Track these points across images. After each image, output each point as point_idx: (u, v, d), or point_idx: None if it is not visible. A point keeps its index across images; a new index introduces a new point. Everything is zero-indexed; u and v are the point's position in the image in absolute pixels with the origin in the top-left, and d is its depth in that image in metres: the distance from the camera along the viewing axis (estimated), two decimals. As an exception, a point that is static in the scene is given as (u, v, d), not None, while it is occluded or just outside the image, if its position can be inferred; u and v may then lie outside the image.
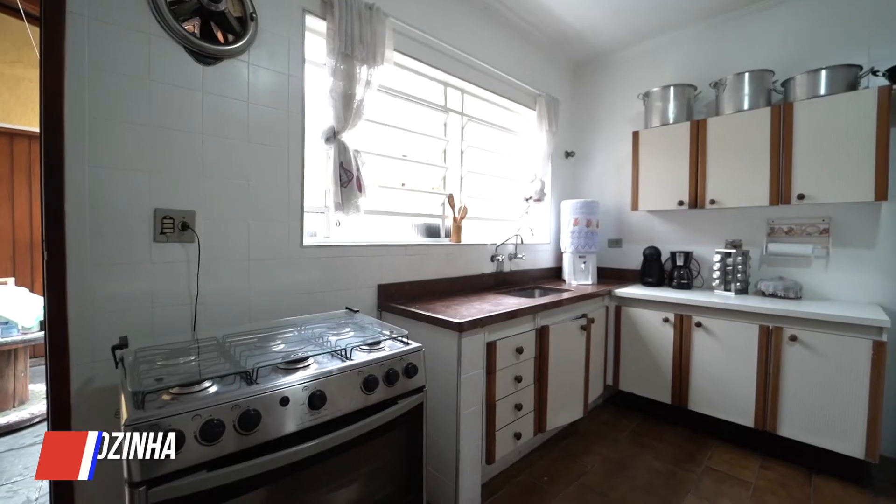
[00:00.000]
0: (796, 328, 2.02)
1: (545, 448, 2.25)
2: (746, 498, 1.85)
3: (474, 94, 2.68)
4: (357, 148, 1.88)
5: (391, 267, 2.08)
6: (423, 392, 1.32)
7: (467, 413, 1.65)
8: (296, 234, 1.71)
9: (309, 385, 1.06)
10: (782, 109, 2.22)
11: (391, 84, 2.16)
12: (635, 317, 2.58)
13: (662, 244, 2.95)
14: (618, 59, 3.23)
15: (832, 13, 2.32)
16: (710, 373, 2.28)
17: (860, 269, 2.24)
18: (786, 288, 2.29)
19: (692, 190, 2.53)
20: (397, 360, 1.26)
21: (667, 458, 2.16)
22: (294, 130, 1.71)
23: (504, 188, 2.99)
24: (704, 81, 2.71)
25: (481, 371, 1.72)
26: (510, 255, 2.78)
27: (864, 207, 2.22)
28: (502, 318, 1.78)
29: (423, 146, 2.42)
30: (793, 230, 2.43)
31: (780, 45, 2.48)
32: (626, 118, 3.18)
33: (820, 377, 1.95)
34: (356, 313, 1.66)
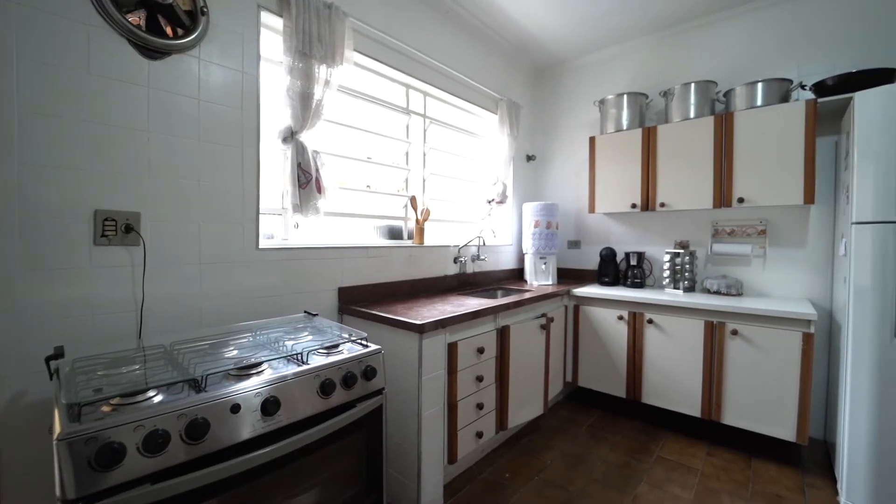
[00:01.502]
0: (737, 323, 2.16)
1: (507, 445, 2.29)
2: (693, 484, 1.96)
3: (437, 96, 2.70)
4: (316, 149, 1.85)
5: (352, 269, 2.06)
6: (382, 394, 1.32)
7: (429, 414, 1.66)
8: (251, 236, 1.66)
9: (262, 391, 1.03)
10: (724, 118, 2.38)
11: (352, 85, 2.15)
12: (592, 315, 2.68)
13: (618, 245, 3.09)
14: (576, 67, 3.35)
15: (767, 31, 2.51)
16: (661, 367, 2.41)
17: (793, 266, 2.44)
18: (728, 285, 2.45)
19: (644, 193, 2.66)
20: (356, 363, 1.25)
21: (622, 450, 2.26)
22: (249, 129, 1.66)
23: (467, 190, 3.02)
24: (655, 90, 2.86)
25: (443, 372, 1.73)
26: (473, 257, 2.81)
27: (795, 210, 2.41)
28: (463, 319, 1.80)
29: (385, 148, 2.41)
30: (734, 231, 2.61)
31: (722, 59, 2.66)
32: (584, 124, 3.30)
33: (758, 368, 2.10)
34: (315, 317, 1.63)
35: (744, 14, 2.58)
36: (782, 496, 1.87)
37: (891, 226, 1.65)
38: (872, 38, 2.21)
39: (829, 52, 2.32)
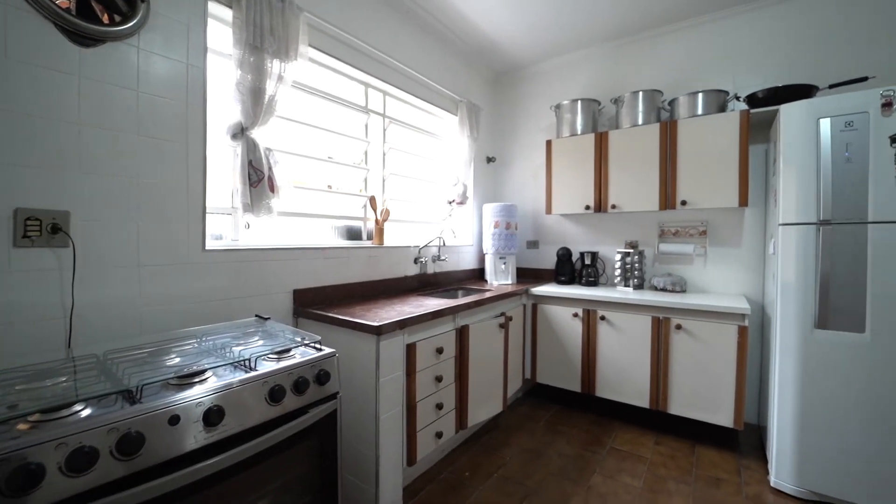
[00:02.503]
0: (681, 318, 2.30)
1: (467, 444, 2.31)
2: (643, 472, 2.06)
3: (397, 96, 2.68)
4: (269, 146, 1.79)
5: (309, 271, 2.00)
6: (336, 399, 1.29)
7: (387, 416, 1.64)
8: (197, 236, 1.58)
9: (204, 400, 0.98)
10: (669, 126, 2.52)
11: (309, 81, 2.09)
12: (550, 313, 2.76)
13: (573, 245, 3.20)
14: (533, 72, 3.44)
15: (706, 45, 2.69)
16: (613, 361, 2.51)
17: (730, 264, 2.62)
18: (673, 283, 2.60)
19: (597, 195, 2.78)
20: (308, 368, 1.21)
21: (577, 443, 2.34)
22: (195, 124, 1.58)
23: (428, 191, 3.02)
24: (607, 97, 2.99)
25: (401, 373, 1.72)
26: (434, 257, 2.82)
27: (731, 212, 2.60)
28: (422, 320, 1.80)
29: (345, 147, 2.37)
30: (679, 232, 2.77)
31: (668, 70, 2.82)
32: (541, 128, 3.39)
33: (699, 360, 2.24)
34: (267, 321, 1.57)
35: (686, 28, 2.75)
36: (721, 479, 2.01)
37: (811, 227, 1.81)
38: (796, 56, 2.42)
39: (760, 66, 2.52)
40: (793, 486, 1.86)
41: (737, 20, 2.58)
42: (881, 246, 1.68)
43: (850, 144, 1.74)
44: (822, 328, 1.79)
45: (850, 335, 1.74)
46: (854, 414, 1.73)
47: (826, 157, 1.78)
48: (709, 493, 1.89)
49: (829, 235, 1.78)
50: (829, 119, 1.79)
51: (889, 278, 1.66)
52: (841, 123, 1.76)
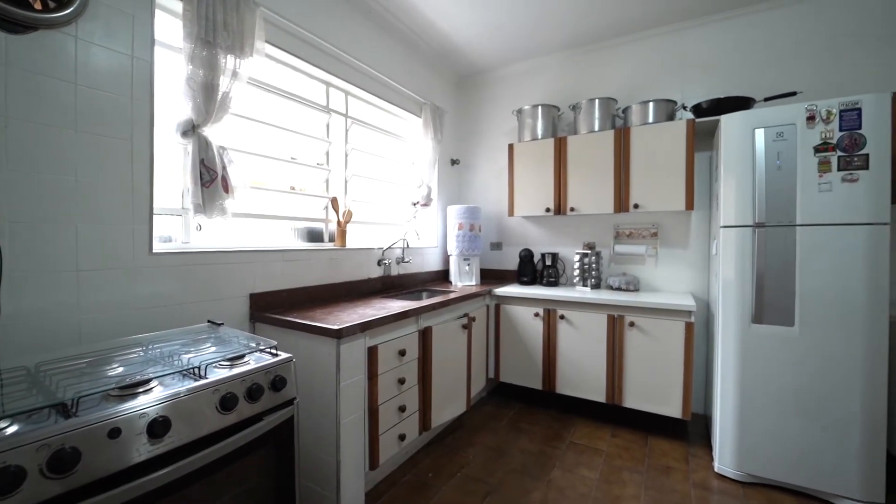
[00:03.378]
0: (634, 316, 2.41)
1: (431, 445, 2.32)
2: (599, 464, 2.15)
3: (359, 96, 2.65)
4: (223, 144, 1.72)
5: (266, 274, 1.95)
6: (293, 405, 1.26)
7: (348, 421, 1.62)
8: (143, 238, 1.50)
9: (148, 411, 0.93)
10: (622, 132, 2.64)
11: (267, 79, 2.03)
12: (512, 313, 2.82)
13: (535, 246, 3.28)
14: (496, 77, 3.51)
15: (657, 57, 2.84)
16: (572, 359, 2.60)
17: (678, 264, 2.78)
18: (627, 282, 2.72)
19: (556, 198, 2.86)
20: (262, 374, 1.18)
21: (538, 440, 2.40)
22: (141, 120, 1.49)
23: (392, 192, 3.01)
24: (566, 103, 3.09)
25: (362, 377, 1.70)
26: (398, 259, 2.81)
27: (679, 215, 2.76)
28: (384, 322, 1.79)
29: (305, 148, 2.31)
30: (632, 234, 2.91)
31: (622, 79, 2.96)
32: (504, 131, 3.46)
33: (651, 355, 2.36)
34: (220, 326, 1.51)
35: (639, 41, 2.89)
36: (671, 467, 2.12)
37: (748, 229, 1.96)
38: (737, 70, 2.60)
39: (705, 79, 2.69)
40: (734, 470, 2.00)
41: (684, 35, 2.75)
42: (807, 246, 1.84)
43: (781, 153, 1.90)
44: (758, 323, 1.94)
45: (781, 329, 1.89)
46: (786, 401, 1.88)
47: (760, 165, 1.93)
48: (659, 481, 1.99)
49: (764, 237, 1.92)
50: (763, 129, 1.94)
51: (813, 276, 1.82)
52: (773, 134, 1.92)
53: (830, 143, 1.81)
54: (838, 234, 1.78)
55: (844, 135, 1.79)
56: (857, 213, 1.75)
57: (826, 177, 1.81)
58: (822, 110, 1.83)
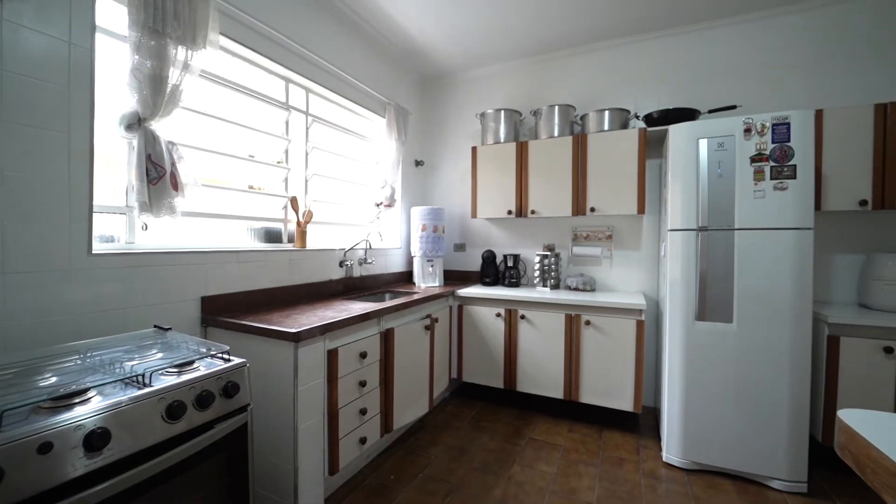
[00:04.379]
0: (590, 315, 2.51)
1: (394, 447, 2.31)
2: (557, 459, 2.22)
3: (321, 94, 2.60)
4: (172, 140, 1.64)
5: (220, 276, 1.87)
6: (247, 411, 1.22)
7: (306, 426, 1.58)
8: (81, 238, 1.40)
9: (85, 423, 0.88)
10: (580, 139, 2.75)
11: (222, 73, 1.95)
12: (475, 314, 2.86)
13: (498, 248, 3.35)
14: (461, 80, 3.54)
15: (613, 67, 2.97)
16: (532, 357, 2.67)
17: (631, 265, 2.92)
18: (584, 282, 2.83)
19: (518, 201, 2.94)
20: (213, 381, 1.13)
21: (499, 437, 2.45)
22: (79, 111, 1.39)
23: (355, 193, 2.97)
24: (527, 109, 3.17)
25: (322, 380, 1.67)
26: (360, 261, 2.77)
27: (632, 219, 2.90)
28: (345, 324, 1.76)
29: (264, 145, 2.24)
30: (589, 236, 3.03)
31: (581, 87, 3.07)
32: (468, 134, 3.50)
33: (605, 352, 2.47)
34: (167, 331, 1.44)
35: (597, 51, 3.01)
36: (623, 458, 2.23)
37: (693, 232, 2.09)
38: (685, 83, 2.77)
39: (656, 90, 2.84)
40: (680, 459, 2.13)
41: (638, 48, 2.90)
42: (744, 249, 1.99)
43: (722, 162, 2.04)
44: (702, 320, 2.07)
45: (721, 325, 2.03)
46: (725, 393, 2.02)
47: (703, 173, 2.07)
48: (613, 472, 2.09)
49: (706, 240, 2.06)
50: (706, 140, 2.08)
51: (749, 276, 1.97)
52: (715, 144, 2.06)
53: (764, 153, 1.97)
54: (770, 238, 1.94)
55: (776, 147, 1.95)
56: (786, 218, 1.92)
57: (760, 185, 1.97)
58: (757, 123, 1.99)
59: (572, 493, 1.91)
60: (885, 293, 2.11)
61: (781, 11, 2.52)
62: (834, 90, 2.43)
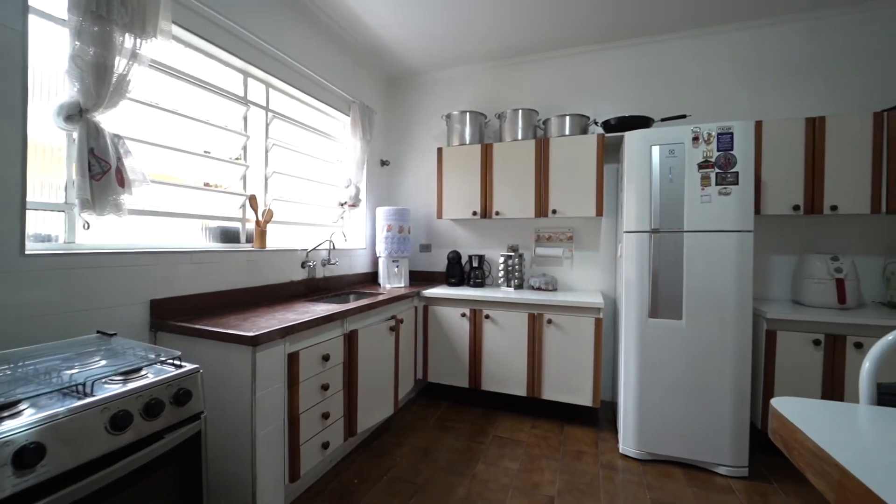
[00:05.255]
0: (552, 313, 2.59)
1: (358, 450, 2.27)
2: (520, 455, 2.27)
3: (282, 89, 2.52)
4: (119, 133, 1.54)
5: (171, 278, 1.77)
6: (200, 419, 1.17)
7: (265, 433, 1.53)
8: (13, 238, 1.28)
9: (15, 438, 0.81)
10: (542, 143, 2.82)
11: (176, 64, 1.85)
12: (440, 314, 2.87)
13: (463, 249, 3.38)
14: (427, 80, 3.55)
15: (573, 75, 3.08)
16: (497, 356, 2.72)
17: (591, 265, 3.03)
18: (546, 282, 2.91)
19: (483, 202, 2.98)
20: (163, 388, 1.08)
21: (464, 436, 2.47)
22: (10, 100, 1.28)
23: (318, 192, 2.90)
24: (492, 111, 3.22)
25: (282, 385, 1.62)
26: (324, 261, 2.72)
27: (591, 221, 3.01)
28: (306, 327, 1.72)
29: (222, 141, 2.14)
30: (551, 237, 3.12)
31: (543, 91, 3.16)
32: (434, 135, 3.51)
33: (566, 349, 2.55)
34: (112, 337, 1.35)
35: (558, 58, 3.11)
36: (583, 451, 2.31)
37: (646, 234, 2.20)
38: (641, 92, 2.91)
39: (614, 97, 2.97)
40: (635, 450, 2.23)
41: (598, 56, 3.01)
42: (692, 250, 2.11)
43: (672, 168, 2.16)
44: (654, 317, 2.18)
45: (672, 322, 2.15)
46: (676, 386, 2.14)
47: (656, 178, 2.18)
48: (573, 465, 2.16)
49: (658, 241, 2.18)
50: (658, 147, 2.19)
51: (696, 276, 2.10)
52: (666, 151, 2.18)
53: (710, 161, 2.10)
54: (715, 240, 2.08)
55: (721, 154, 2.09)
56: (729, 221, 2.06)
57: (707, 190, 2.10)
58: (704, 132, 2.12)
59: (534, 488, 1.96)
60: (815, 291, 2.30)
61: (727, 29, 2.70)
62: (772, 103, 2.63)
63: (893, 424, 0.77)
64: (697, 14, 2.61)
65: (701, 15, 2.62)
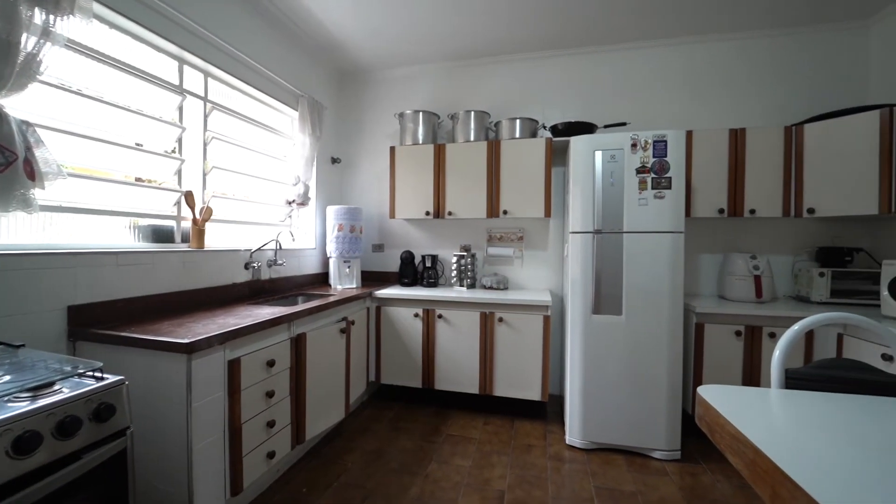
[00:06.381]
0: (503, 312, 2.65)
1: (307, 458, 2.20)
2: (472, 452, 2.30)
3: (223, 79, 2.37)
4: (27, 120, 1.37)
5: (94, 281, 1.61)
6: (126, 435, 1.07)
7: (202, 445, 1.44)
8: None
9: None
10: (494, 145, 2.88)
11: (100, 47, 1.69)
12: (393, 315, 2.84)
13: (417, 249, 3.36)
14: (380, 78, 3.49)
15: (523, 79, 3.17)
16: (450, 355, 2.74)
17: (540, 265, 3.14)
18: (498, 281, 2.97)
19: (436, 202, 2.98)
20: (80, 404, 0.97)
21: (417, 437, 2.46)
22: None
23: (265, 190, 2.76)
24: (445, 112, 3.24)
25: (222, 394, 1.53)
26: (270, 262, 2.59)
27: (540, 221, 3.12)
28: (249, 331, 1.63)
29: (155, 134, 1.97)
30: (502, 237, 3.19)
31: (495, 94, 3.22)
32: (386, 133, 3.47)
33: (516, 346, 2.62)
34: (19, 349, 1.20)
35: (508, 62, 3.18)
36: (532, 444, 2.38)
37: (590, 235, 2.31)
38: (586, 99, 3.05)
39: (561, 103, 3.09)
40: (580, 440, 2.34)
41: (545, 63, 3.12)
42: (630, 250, 2.25)
43: (614, 173, 2.28)
44: (597, 314, 2.30)
45: (613, 318, 2.27)
46: (618, 378, 2.27)
47: (598, 181, 2.30)
48: (523, 459, 2.22)
49: (601, 242, 2.29)
50: (601, 152, 2.31)
51: (634, 274, 2.24)
52: (608, 156, 2.30)
53: (647, 166, 2.25)
54: (650, 240, 2.22)
55: (656, 161, 2.24)
56: (663, 223, 2.21)
57: (644, 194, 2.24)
58: (641, 139, 2.26)
59: (486, 484, 1.99)
60: (737, 286, 2.53)
61: (661, 43, 2.90)
62: (703, 114, 2.86)
63: (798, 406, 0.86)
64: (638, 28, 2.77)
65: (641, 29, 2.79)
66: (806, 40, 2.71)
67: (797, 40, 2.72)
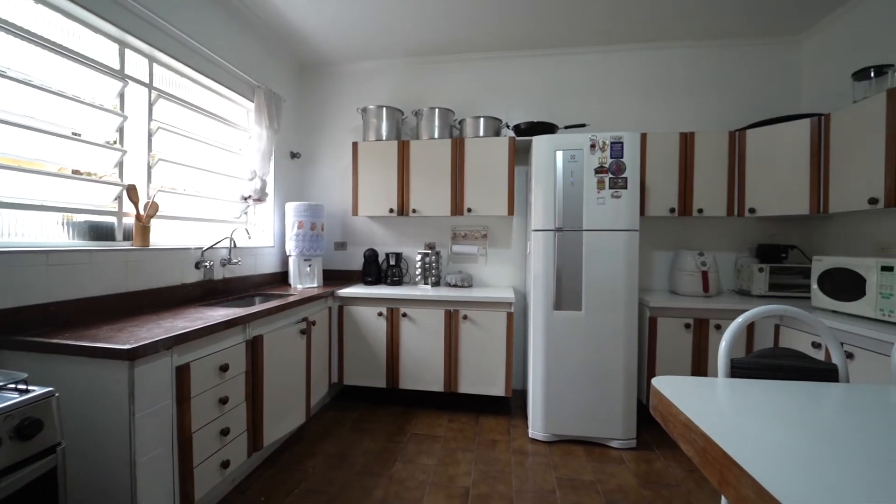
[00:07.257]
0: (467, 309, 2.66)
1: (265, 465, 2.11)
2: (439, 449, 2.29)
3: (170, 65, 2.21)
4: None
5: (17, 284, 1.45)
6: (56, 452, 0.97)
7: (147, 459, 1.34)
8: None
9: None
10: (458, 142, 2.88)
11: (28, 25, 1.52)
12: (356, 314, 2.78)
13: (380, 246, 3.31)
14: (343, 71, 3.40)
15: (487, 78, 3.19)
16: (414, 354, 2.72)
17: (504, 262, 3.18)
18: (462, 279, 2.98)
19: (400, 200, 2.95)
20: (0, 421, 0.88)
21: (381, 438, 2.43)
22: None
23: (218, 184, 2.61)
24: (409, 108, 3.20)
25: (169, 402, 1.43)
26: (223, 261, 2.46)
27: (504, 219, 3.16)
28: (199, 335, 1.54)
29: (95, 123, 1.81)
30: (467, 235, 3.20)
31: (460, 92, 3.22)
32: (349, 128, 3.38)
33: (480, 343, 2.64)
34: (-75, 360, 1.07)
35: (472, 60, 3.19)
36: (496, 440, 2.41)
37: (551, 232, 2.36)
38: (547, 100, 3.11)
39: (524, 102, 3.14)
40: (543, 433, 2.39)
41: (510, 63, 3.15)
42: (589, 247, 2.32)
43: (574, 172, 2.34)
44: (558, 309, 2.36)
45: (574, 313, 2.34)
46: (578, 371, 2.34)
47: (560, 180, 2.35)
48: (487, 454, 2.24)
49: (562, 239, 2.35)
50: (562, 152, 2.36)
51: (593, 270, 2.31)
52: (569, 156, 2.35)
53: (605, 166, 2.32)
54: (608, 238, 2.30)
55: (613, 161, 2.32)
56: (619, 222, 2.30)
57: (602, 193, 2.32)
58: (599, 140, 2.33)
59: (451, 481, 1.99)
60: (686, 281, 2.68)
61: (621, 48, 3.01)
62: (656, 118, 3.00)
63: (743, 394, 0.92)
64: (596, 33, 2.86)
65: (602, 34, 2.87)
66: (747, 51, 2.90)
67: (740, 51, 2.90)
